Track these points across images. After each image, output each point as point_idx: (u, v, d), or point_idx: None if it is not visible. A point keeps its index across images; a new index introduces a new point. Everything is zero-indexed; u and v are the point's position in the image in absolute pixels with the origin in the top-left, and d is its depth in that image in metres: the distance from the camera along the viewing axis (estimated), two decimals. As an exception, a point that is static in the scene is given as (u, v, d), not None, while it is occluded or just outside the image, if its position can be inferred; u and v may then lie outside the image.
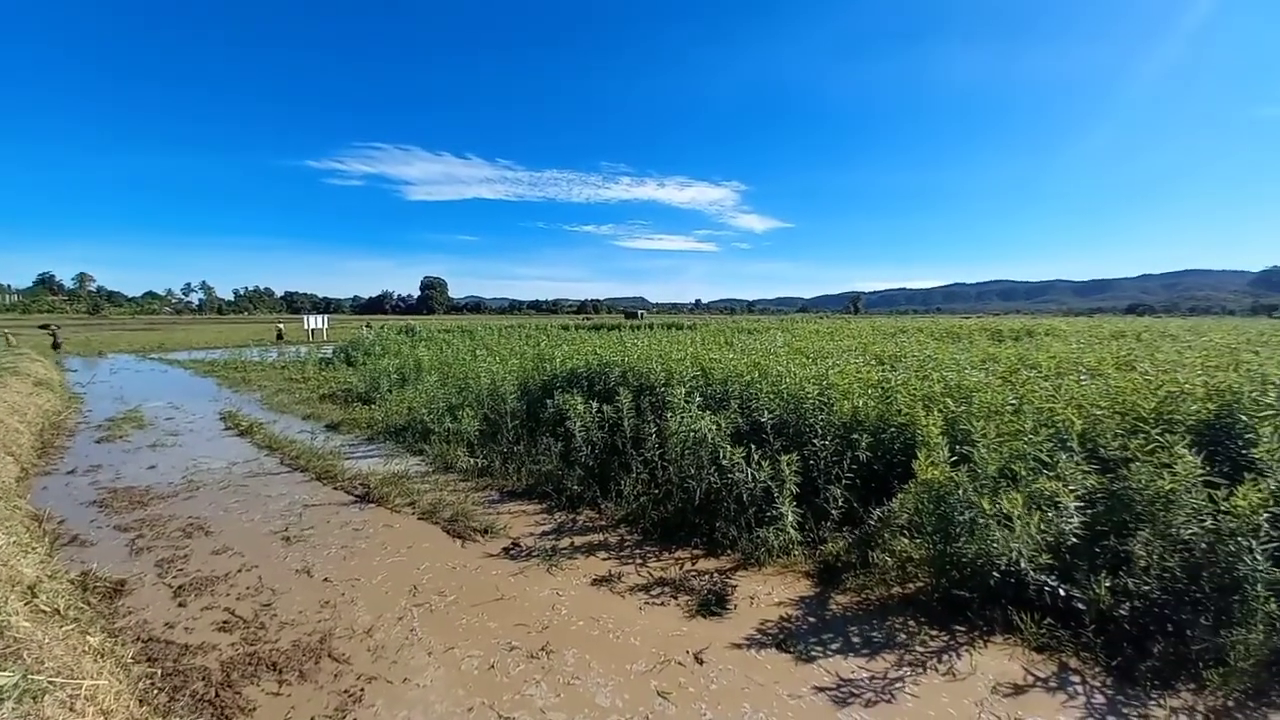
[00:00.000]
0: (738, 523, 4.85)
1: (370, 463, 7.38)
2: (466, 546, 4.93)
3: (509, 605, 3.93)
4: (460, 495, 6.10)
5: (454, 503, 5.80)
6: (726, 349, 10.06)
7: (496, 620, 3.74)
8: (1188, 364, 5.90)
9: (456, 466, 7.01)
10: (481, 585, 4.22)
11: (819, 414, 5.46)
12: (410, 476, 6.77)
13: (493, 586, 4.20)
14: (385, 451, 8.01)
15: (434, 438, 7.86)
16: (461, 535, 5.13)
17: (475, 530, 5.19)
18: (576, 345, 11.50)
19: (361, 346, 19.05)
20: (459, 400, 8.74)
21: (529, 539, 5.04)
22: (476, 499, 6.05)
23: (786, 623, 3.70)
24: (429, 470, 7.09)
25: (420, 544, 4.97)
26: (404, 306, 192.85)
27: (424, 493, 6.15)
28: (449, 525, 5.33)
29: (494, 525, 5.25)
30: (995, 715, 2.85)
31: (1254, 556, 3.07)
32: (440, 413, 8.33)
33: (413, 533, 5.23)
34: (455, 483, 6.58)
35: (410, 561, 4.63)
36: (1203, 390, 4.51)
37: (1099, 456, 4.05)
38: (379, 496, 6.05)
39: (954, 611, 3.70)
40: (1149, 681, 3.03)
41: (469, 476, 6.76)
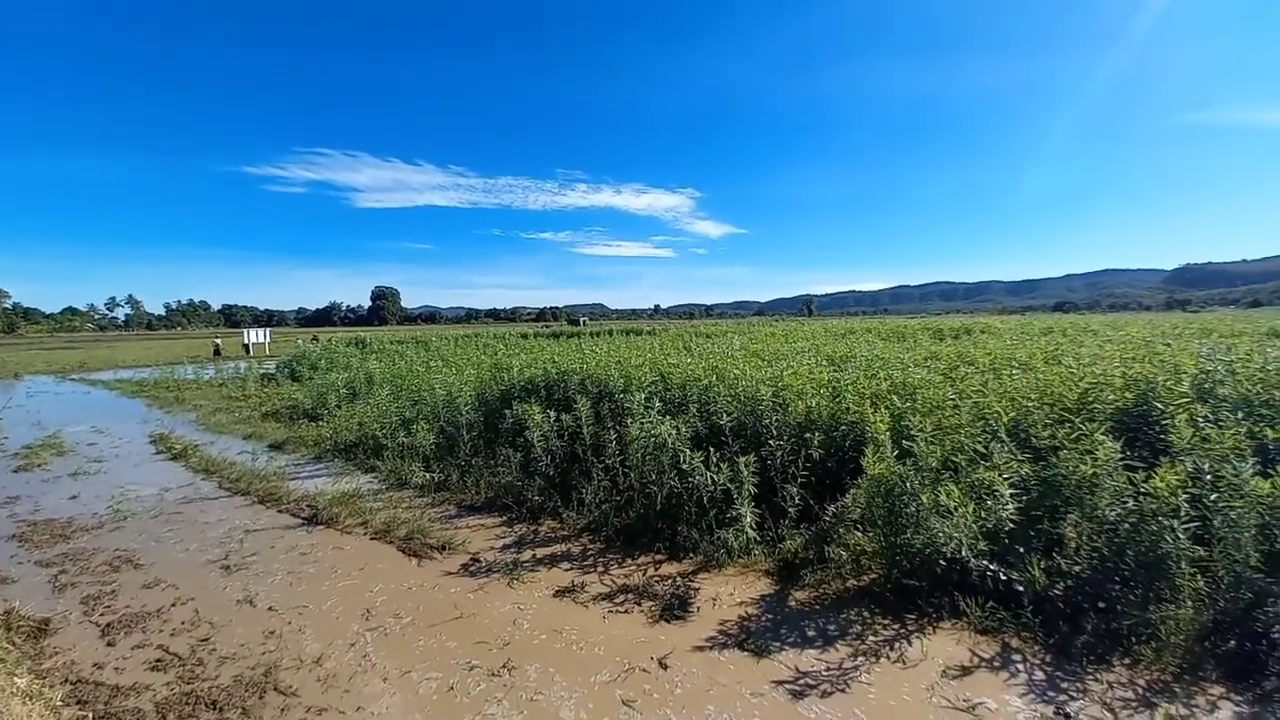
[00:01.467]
0: (699, 526, 4.90)
1: (318, 483, 7.06)
2: (423, 565, 4.78)
3: (469, 623, 3.83)
4: (416, 512, 5.91)
5: (409, 520, 5.62)
6: (685, 354, 10.16)
7: (456, 640, 3.63)
8: (1107, 357, 6.37)
9: (411, 482, 6.79)
10: (440, 604, 4.10)
11: (774, 415, 5.58)
12: (362, 495, 6.51)
13: (451, 605, 4.08)
14: (334, 470, 7.68)
15: (387, 453, 7.60)
16: (418, 553, 4.97)
17: (432, 547, 5.03)
18: (535, 354, 11.38)
19: (308, 360, 18.23)
20: (413, 413, 8.48)
21: (489, 553, 4.93)
22: (433, 515, 5.87)
23: (748, 622, 3.76)
24: (382, 488, 6.84)
25: (374, 565, 4.79)
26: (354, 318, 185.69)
27: (377, 511, 5.93)
28: (404, 544, 5.15)
29: (452, 541, 5.11)
30: (945, 698, 2.98)
31: (1175, 535, 3.30)
32: (393, 427, 8.06)
33: (365, 554, 5.02)
34: (410, 499, 6.37)
35: (363, 584, 4.44)
36: (1121, 381, 4.88)
37: (1031, 446, 4.31)
38: (328, 518, 5.79)
39: (905, 600, 3.85)
40: (1085, 657, 3.23)
41: (425, 492, 6.57)
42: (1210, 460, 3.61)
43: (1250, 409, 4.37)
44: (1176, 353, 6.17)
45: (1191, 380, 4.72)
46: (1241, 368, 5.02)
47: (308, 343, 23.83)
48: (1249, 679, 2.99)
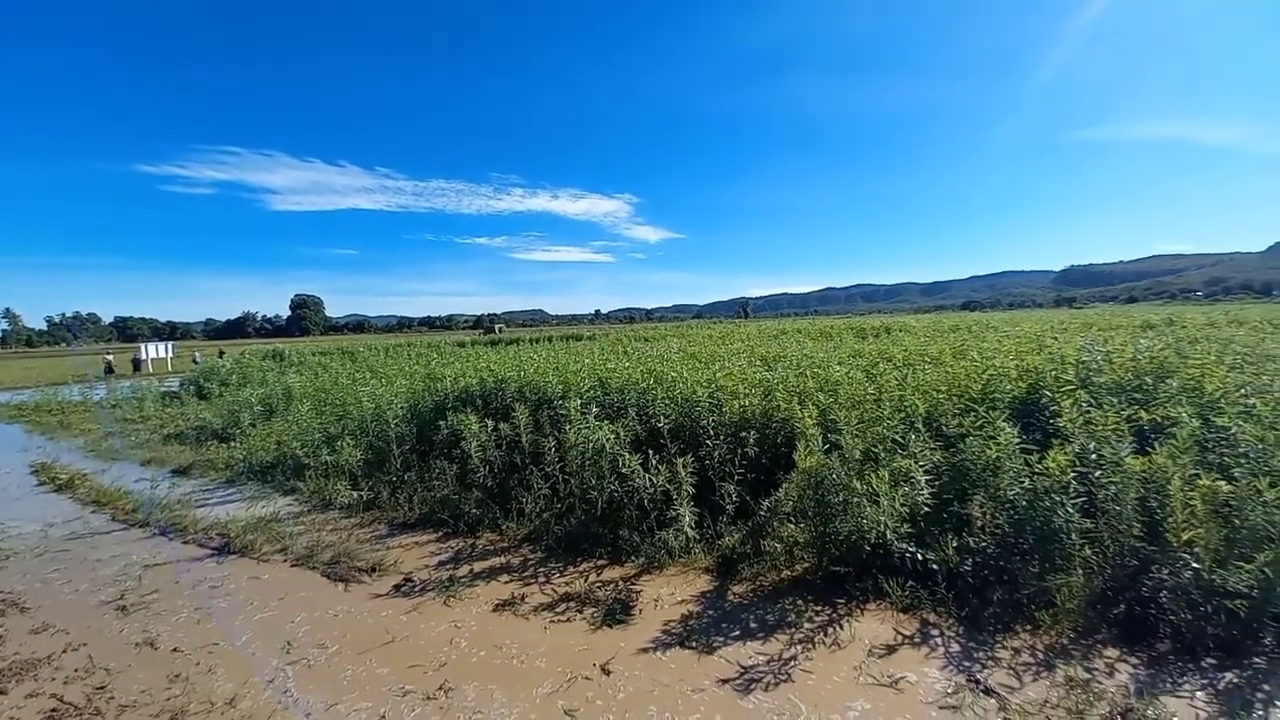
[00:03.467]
0: (640, 528, 4.92)
1: (230, 508, 6.52)
2: (351, 589, 4.51)
3: (401, 647, 3.65)
4: (342, 534, 5.58)
5: (335, 543, 5.29)
6: (624, 358, 10.19)
7: (388, 665, 3.45)
8: (1004, 351, 6.99)
9: (337, 503, 6.40)
10: (369, 630, 3.88)
11: (711, 415, 5.71)
12: (281, 519, 6.07)
13: (382, 629, 3.88)
14: (249, 494, 7.11)
15: (309, 473, 7.12)
16: (344, 578, 4.68)
17: (361, 570, 4.76)
18: (471, 363, 11.05)
19: (217, 376, 16.79)
20: (338, 429, 8.00)
21: (423, 572, 4.72)
22: (362, 536, 5.56)
23: (689, 620, 3.82)
24: (304, 510, 6.40)
25: (294, 594, 4.47)
26: (271, 329, 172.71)
27: (298, 536, 5.54)
28: (329, 569, 4.84)
29: (383, 562, 4.86)
30: (871, 676, 3.16)
31: (1066, 510, 3.67)
32: (316, 444, 7.57)
33: (285, 582, 4.68)
34: (336, 521, 6.01)
35: (282, 615, 4.14)
36: (1016, 372, 5.37)
37: (942, 434, 4.66)
38: (242, 546, 5.35)
39: (835, 586, 4.05)
40: (993, 627, 3.52)
41: (352, 512, 6.21)
42: (1094, 441, 4.04)
43: (1125, 393, 4.94)
44: (1062, 346, 6.87)
45: (1075, 370, 5.27)
46: (1117, 357, 5.66)
47: (212, 358, 21.90)
48: (1143, 641, 3.32)
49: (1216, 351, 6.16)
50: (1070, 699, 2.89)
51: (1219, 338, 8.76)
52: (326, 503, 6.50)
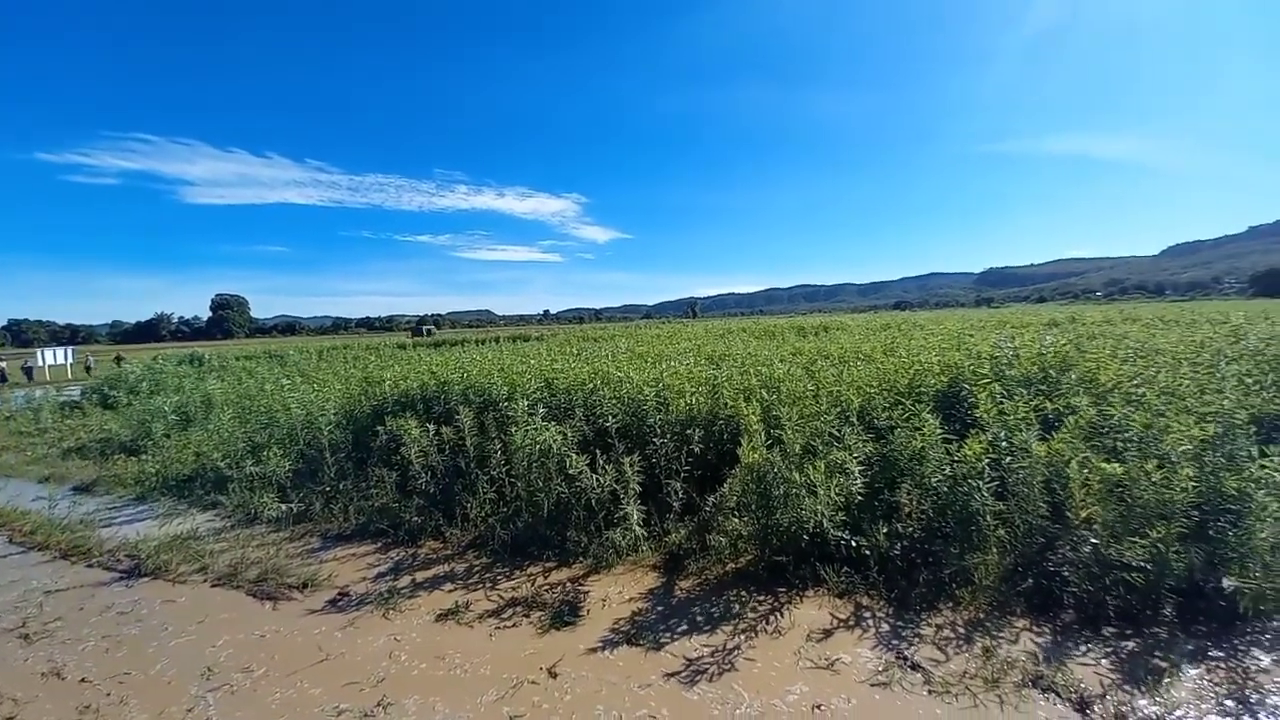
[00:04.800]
0: (588, 529, 4.92)
1: (141, 527, 6.00)
2: (280, 608, 4.26)
3: (336, 665, 3.48)
4: (270, 549, 5.25)
5: (261, 559, 4.97)
6: (572, 358, 10.14)
7: (321, 685, 3.29)
8: (929, 348, 7.47)
9: (263, 516, 6.01)
10: (300, 649, 3.68)
11: (658, 414, 5.78)
12: (200, 536, 5.65)
13: (315, 648, 3.68)
14: (163, 510, 6.57)
15: (232, 486, 6.65)
16: (272, 596, 4.42)
17: (291, 587, 4.51)
18: (412, 365, 10.66)
19: (125, 384, 15.39)
20: (265, 438, 7.52)
21: (360, 585, 4.52)
22: (291, 550, 5.26)
23: (637, 617, 3.85)
24: (226, 525, 5.98)
25: (216, 616, 4.17)
26: (189, 332, 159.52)
27: (220, 554, 5.17)
28: (256, 587, 4.55)
29: (315, 577, 4.62)
30: (810, 659, 3.30)
31: (981, 494, 3.98)
32: (239, 455, 7.09)
33: (205, 604, 4.36)
34: (263, 536, 5.65)
35: (203, 639, 3.86)
36: (938, 368, 5.75)
37: (874, 427, 4.93)
38: (155, 567, 4.93)
39: (776, 576, 4.19)
40: (919, 606, 3.76)
41: (281, 526, 5.85)
42: (1005, 429, 4.38)
43: (1032, 385, 5.38)
44: (979, 343, 7.41)
45: (990, 365, 5.70)
46: (1025, 353, 6.16)
47: (84, 361, 19.96)
48: (1050, 612, 3.62)
49: (1111, 347, 6.82)
50: (987, 669, 3.13)
51: (1114, 334, 9.70)
52: (252, 517, 6.10)
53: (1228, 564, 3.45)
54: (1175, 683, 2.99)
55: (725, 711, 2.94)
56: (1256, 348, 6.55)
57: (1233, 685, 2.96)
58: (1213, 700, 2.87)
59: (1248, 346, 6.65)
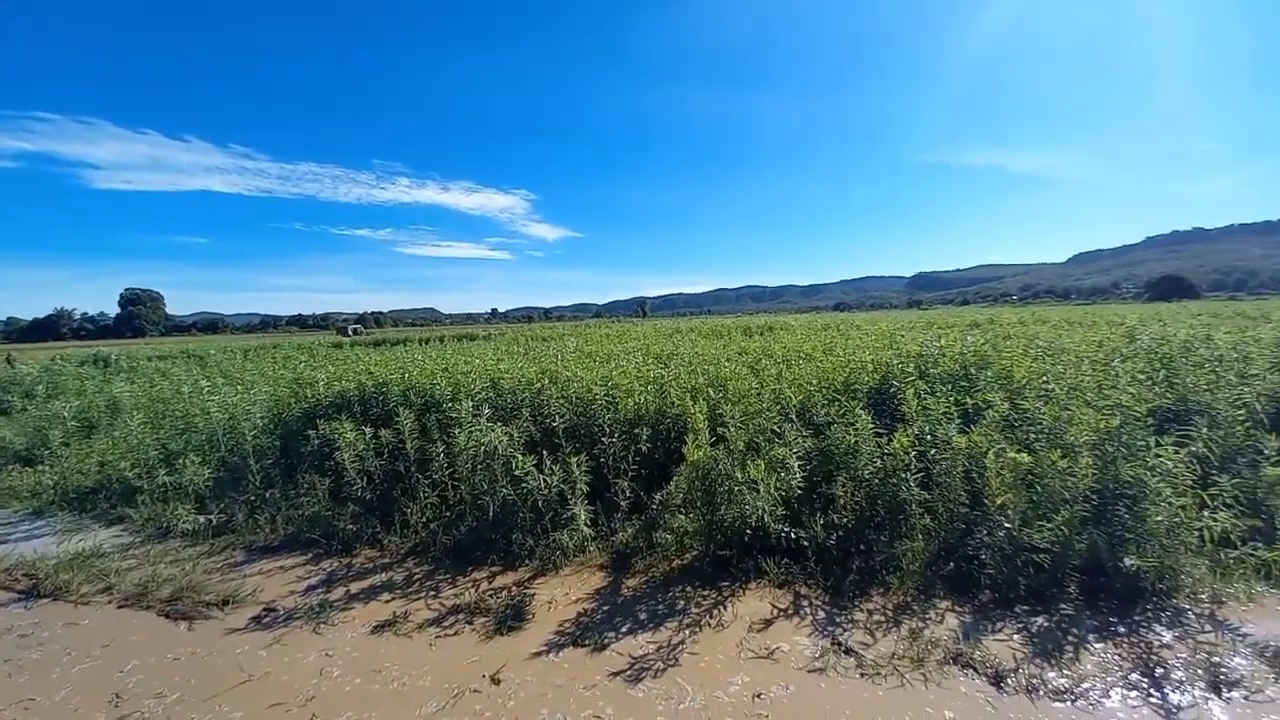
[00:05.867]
0: (534, 531, 4.85)
1: (38, 544, 5.43)
2: (196, 628, 3.96)
3: (260, 685, 3.28)
4: (185, 565, 4.87)
5: (175, 576, 4.61)
6: (520, 358, 9.99)
7: (243, 708, 3.08)
8: (864, 347, 7.85)
9: (178, 529, 5.57)
10: (220, 670, 3.44)
11: (606, 413, 5.78)
12: (106, 553, 5.17)
13: (236, 668, 3.45)
14: (63, 526, 5.97)
15: (142, 497, 6.13)
16: (188, 615, 4.10)
17: (209, 605, 4.20)
18: (349, 365, 10.16)
19: (19, 387, 13.86)
20: (180, 444, 6.97)
21: (289, 599, 4.27)
22: (210, 565, 4.90)
23: (584, 618, 3.83)
24: (135, 541, 5.51)
25: (125, 638, 3.84)
26: (95, 330, 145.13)
27: (128, 571, 4.76)
28: (169, 606, 4.22)
29: (237, 593, 4.32)
30: (751, 650, 3.39)
31: (908, 485, 4.23)
32: (151, 463, 6.53)
33: (112, 626, 4.00)
34: (177, 551, 5.24)
35: (110, 664, 3.54)
36: (871, 366, 6.05)
37: (813, 423, 5.12)
38: (54, 588, 4.48)
39: (720, 570, 4.29)
40: (852, 593, 3.94)
41: (199, 539, 5.44)
42: (929, 424, 4.66)
43: (954, 382, 5.75)
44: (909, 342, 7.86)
45: (917, 363, 6.05)
46: (948, 351, 6.57)
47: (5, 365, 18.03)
48: (969, 593, 3.88)
49: (1023, 346, 7.39)
50: (913, 649, 3.32)
51: (1026, 335, 10.53)
52: (165, 531, 5.64)
53: (1126, 545, 3.81)
54: (1082, 656, 3.25)
55: (669, 706, 2.98)
56: (1149, 347, 7.27)
57: (1136, 659, 3.20)
58: (1118, 673, 3.11)
59: (1141, 346, 7.37)
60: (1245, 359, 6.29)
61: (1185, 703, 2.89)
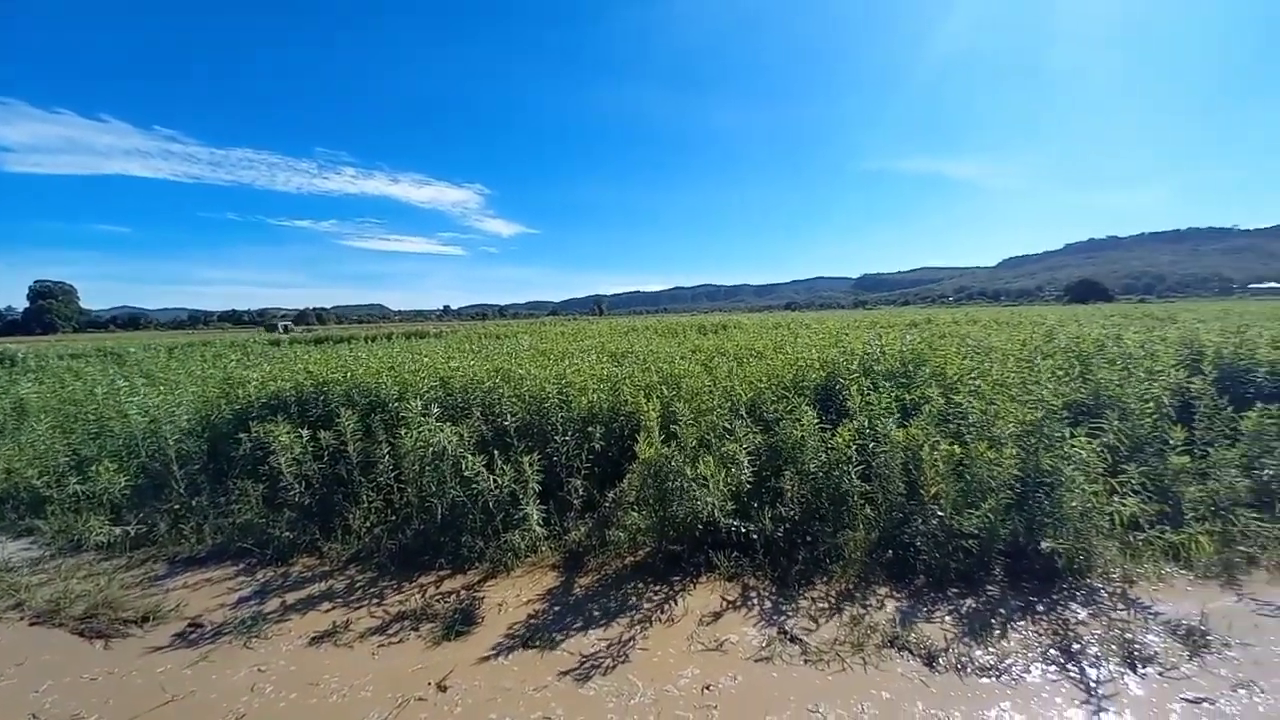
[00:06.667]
0: (485, 532, 4.76)
1: (-79, 565, 4.90)
2: (114, 646, 3.68)
3: (185, 706, 3.07)
4: (101, 579, 4.51)
5: (90, 592, 4.26)
6: (471, 356, 9.77)
7: (165, 729, 2.89)
8: (812, 345, 8.12)
9: (92, 542, 5.15)
10: (141, 691, 3.21)
11: (559, 412, 5.73)
12: (14, 567, 4.74)
13: (158, 688, 3.22)
14: (-46, 543, 5.40)
15: (52, 507, 5.63)
16: (105, 633, 3.81)
17: (128, 622, 3.91)
18: (286, 363, 9.65)
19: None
20: (95, 450, 6.44)
21: (217, 613, 4.02)
22: (130, 579, 4.56)
23: (534, 619, 3.79)
24: (45, 555, 5.06)
25: (36, 658, 3.53)
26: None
27: (38, 587, 4.37)
28: (83, 624, 3.90)
29: (159, 608, 4.04)
30: (701, 643, 3.45)
31: (850, 477, 4.40)
32: (61, 471, 6.01)
33: (24, 644, 3.68)
34: (92, 564, 4.84)
35: (23, 684, 3.26)
36: (818, 363, 6.26)
37: (763, 419, 5.25)
38: (-53, 610, 4.06)
39: (672, 566, 4.33)
40: (798, 583, 4.06)
41: (116, 551, 5.05)
42: (871, 418, 4.87)
43: (894, 378, 6.03)
44: (853, 341, 8.18)
45: (860, 361, 6.30)
46: (889, 350, 6.89)
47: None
48: (905, 579, 4.07)
49: (956, 345, 7.83)
50: (854, 635, 3.47)
51: (959, 334, 11.15)
52: (78, 543, 5.20)
53: (1045, 529, 4.09)
54: (1007, 635, 3.46)
55: (620, 703, 2.99)
56: (1066, 345, 7.84)
57: (1055, 636, 3.43)
58: (1039, 649, 3.32)
59: (1059, 344, 7.94)
60: (1152, 356, 6.88)
61: (1102, 677, 3.10)
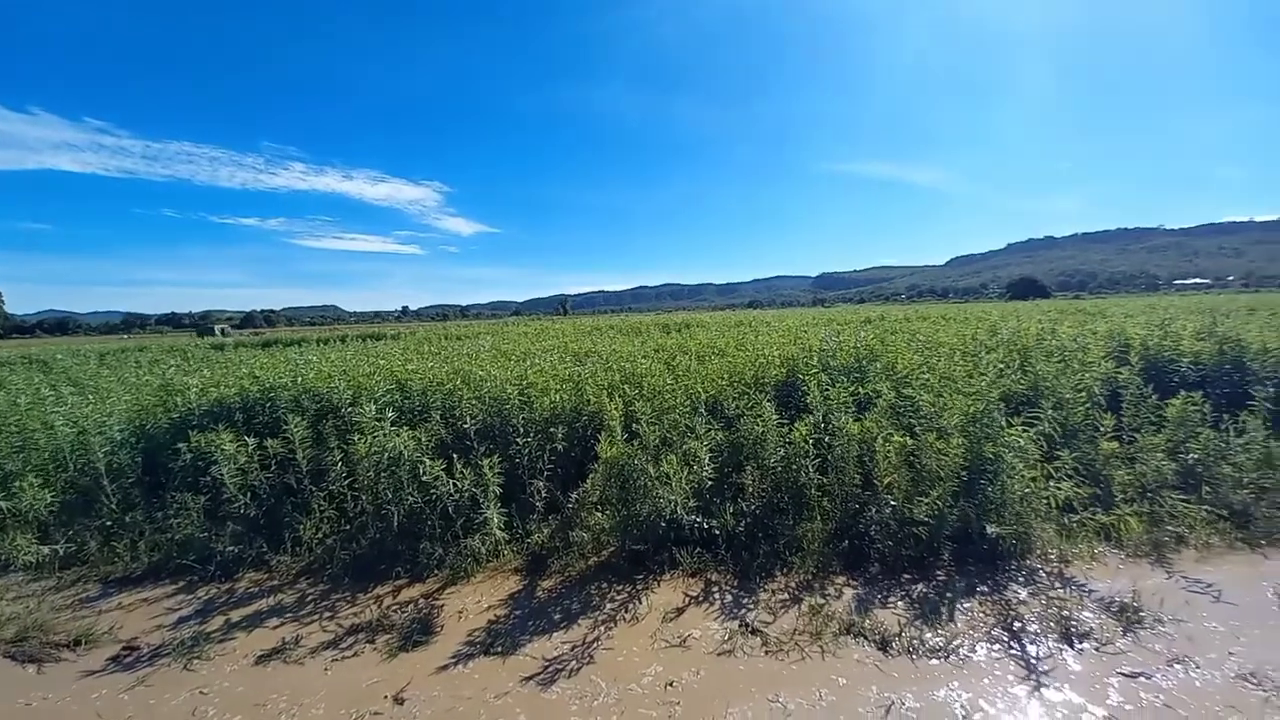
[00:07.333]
0: (444, 538, 4.65)
1: None
2: (47, 671, 3.44)
3: (119, 733, 2.89)
4: (29, 601, 4.20)
5: (18, 615, 3.95)
6: (430, 357, 9.54)
7: (96, 760, 2.71)
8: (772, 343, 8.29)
9: (18, 562, 4.77)
10: (76, 717, 3.02)
11: (520, 413, 5.65)
12: (-79, 596, 4.34)
13: (93, 715, 3.03)
14: None
15: (-33, 529, 5.18)
16: (35, 657, 3.55)
17: (61, 645, 3.65)
18: (230, 368, 9.18)
19: None
20: (18, 464, 5.96)
21: (155, 635, 3.80)
22: (61, 600, 4.26)
23: (496, 625, 3.73)
24: (-41, 580, 4.66)
25: (-46, 690, 3.25)
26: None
27: (-50, 616, 4.01)
28: (13, 648, 3.63)
29: (92, 631, 3.78)
30: (664, 639, 3.48)
31: (808, 470, 4.51)
32: (-25, 490, 5.53)
33: (-70, 680, 3.37)
34: (21, 585, 4.51)
35: (-66, 721, 2.98)
36: (778, 360, 6.39)
37: (725, 416, 5.32)
38: None
39: (636, 565, 4.34)
40: (758, 576, 4.14)
41: (44, 572, 4.69)
42: (827, 412, 5.00)
43: (849, 373, 6.22)
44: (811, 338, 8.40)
45: (818, 357, 6.47)
46: (845, 345, 7.10)
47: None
48: (860, 567, 4.20)
49: (906, 340, 8.14)
50: (812, 624, 3.56)
51: (910, 330, 11.59)
52: (5, 564, 4.81)
53: (989, 514, 4.29)
54: (954, 617, 3.62)
55: (583, 705, 2.98)
56: (1007, 340, 8.26)
57: (998, 616, 3.61)
58: (984, 629, 3.49)
59: (1001, 339, 8.36)
60: (1084, 349, 7.33)
61: (1042, 654, 3.27)
